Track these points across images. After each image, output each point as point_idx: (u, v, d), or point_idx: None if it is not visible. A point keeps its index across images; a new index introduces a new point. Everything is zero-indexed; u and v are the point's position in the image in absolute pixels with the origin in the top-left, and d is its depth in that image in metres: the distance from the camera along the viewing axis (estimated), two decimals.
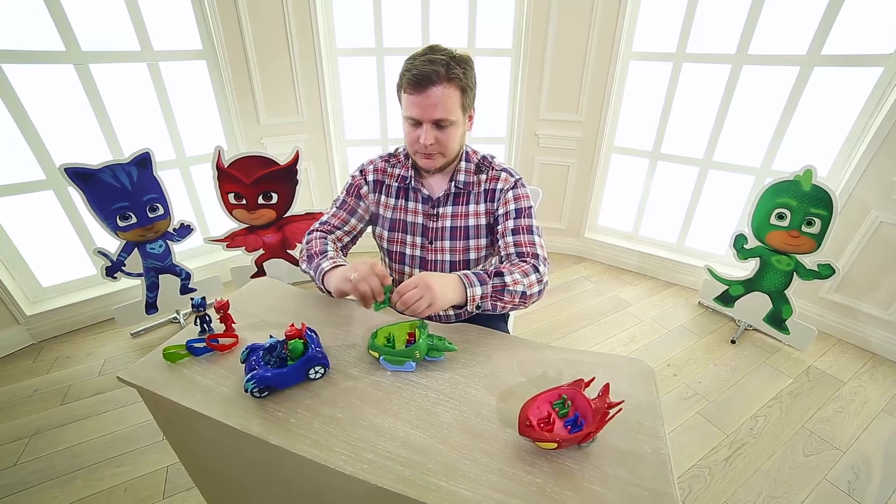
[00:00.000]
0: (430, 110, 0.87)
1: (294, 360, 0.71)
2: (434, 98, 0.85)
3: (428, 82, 0.84)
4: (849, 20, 1.68)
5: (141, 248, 1.81)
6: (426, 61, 0.85)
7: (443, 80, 0.84)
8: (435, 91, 0.85)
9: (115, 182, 1.66)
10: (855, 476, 1.36)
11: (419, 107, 0.87)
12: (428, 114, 0.87)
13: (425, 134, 0.89)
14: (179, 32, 1.96)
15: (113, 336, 1.97)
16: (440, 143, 0.91)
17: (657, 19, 2.08)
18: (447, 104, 0.87)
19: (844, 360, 1.83)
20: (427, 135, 0.89)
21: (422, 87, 0.85)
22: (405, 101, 0.90)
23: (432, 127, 0.89)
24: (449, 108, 0.87)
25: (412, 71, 0.85)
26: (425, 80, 0.84)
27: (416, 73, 0.84)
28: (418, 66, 0.85)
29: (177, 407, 0.70)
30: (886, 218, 1.71)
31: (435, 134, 0.90)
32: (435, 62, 0.84)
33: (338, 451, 0.60)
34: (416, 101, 0.87)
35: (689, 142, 2.19)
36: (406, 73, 0.87)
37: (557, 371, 0.77)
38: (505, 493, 0.56)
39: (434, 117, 0.88)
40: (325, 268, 0.91)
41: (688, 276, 2.34)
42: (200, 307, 0.84)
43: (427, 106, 0.86)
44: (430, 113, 0.87)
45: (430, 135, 0.89)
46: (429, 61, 0.84)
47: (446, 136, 0.91)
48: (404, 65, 0.89)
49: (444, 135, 0.91)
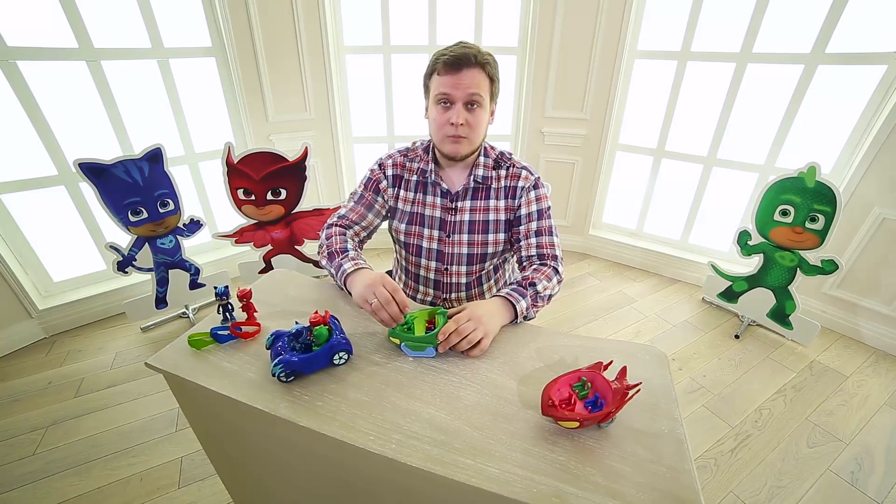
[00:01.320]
0: (465, 88, 0.90)
1: (319, 345, 0.73)
2: (468, 78, 0.90)
3: (463, 63, 0.89)
4: (853, 19, 1.71)
5: (151, 244, 1.83)
6: (459, 48, 0.91)
7: (476, 63, 0.90)
8: (469, 72, 0.90)
9: (128, 177, 1.67)
10: (858, 467, 1.38)
11: (452, 84, 0.90)
12: (461, 91, 0.91)
13: (457, 113, 0.92)
14: (189, 30, 1.97)
15: (123, 330, 1.99)
16: (469, 124, 0.94)
17: (662, 18, 2.10)
18: (479, 85, 0.91)
19: (847, 354, 1.86)
20: (459, 114, 0.92)
21: (457, 67, 0.89)
22: (437, 83, 0.93)
23: (463, 107, 0.93)
24: (481, 88, 0.92)
25: (447, 55, 0.90)
26: (461, 61, 0.89)
27: (452, 55, 0.89)
28: (453, 51, 0.90)
29: (203, 392, 0.72)
30: (889, 214, 1.73)
31: (465, 115, 0.93)
32: (468, 48, 0.90)
33: (365, 432, 0.62)
34: (450, 80, 0.90)
35: (693, 139, 2.21)
36: (440, 57, 0.91)
37: (574, 357, 0.79)
38: (530, 469, 0.58)
39: (468, 93, 0.91)
40: (348, 270, 0.91)
41: (691, 273, 2.36)
42: (224, 296, 0.86)
43: (460, 84, 0.90)
44: (465, 90, 0.90)
45: (461, 114, 0.92)
46: (462, 47, 0.91)
47: (475, 118, 0.94)
48: (435, 55, 0.94)
49: (474, 117, 0.94)
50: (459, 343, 0.76)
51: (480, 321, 0.79)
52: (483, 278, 1.15)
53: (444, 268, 1.11)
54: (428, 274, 1.13)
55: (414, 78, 2.47)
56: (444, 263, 1.10)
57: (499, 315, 0.84)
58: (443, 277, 1.12)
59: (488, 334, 0.79)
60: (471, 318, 0.79)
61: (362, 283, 0.84)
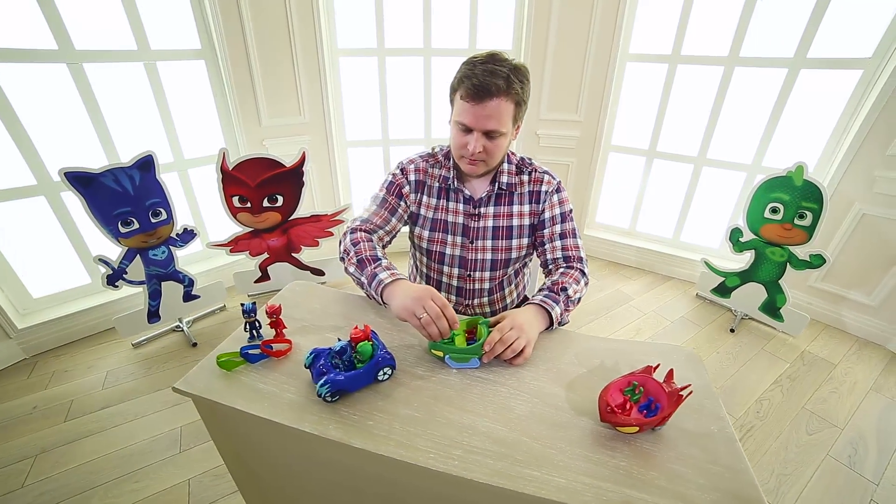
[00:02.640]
0: (483, 121, 0.87)
1: (364, 362, 0.71)
2: (489, 110, 0.86)
3: (487, 94, 0.84)
4: (831, 26, 1.80)
5: (143, 255, 1.74)
6: (488, 72, 0.84)
7: (501, 93, 0.85)
8: (491, 103, 0.85)
9: (117, 186, 1.59)
10: (854, 450, 1.46)
11: (473, 116, 0.87)
12: (480, 124, 0.88)
13: (474, 142, 0.90)
14: (177, 32, 1.89)
15: (113, 347, 1.89)
16: (487, 151, 0.92)
17: (653, 22, 2.16)
18: (501, 117, 0.87)
19: (833, 343, 1.96)
20: (476, 143, 0.90)
21: (480, 98, 0.85)
22: (459, 107, 0.89)
23: (482, 136, 0.90)
24: (502, 120, 0.88)
25: (472, 80, 0.84)
26: (485, 91, 0.84)
27: (477, 83, 0.83)
28: (479, 76, 0.84)
29: (239, 415, 0.69)
30: (869, 210, 1.84)
31: (483, 143, 0.91)
32: (496, 74, 0.83)
33: (424, 450, 0.61)
34: (471, 109, 0.87)
35: (684, 140, 2.28)
36: (465, 79, 0.86)
37: (614, 361, 0.80)
38: (594, 477, 0.58)
39: (486, 128, 0.88)
40: (385, 280, 0.86)
41: (684, 270, 2.44)
42: (252, 313, 0.82)
43: (481, 116, 0.87)
44: (483, 123, 0.87)
45: (479, 144, 0.90)
46: (490, 73, 0.83)
47: (494, 146, 0.92)
48: (463, 69, 0.88)
49: (493, 144, 0.92)
50: (504, 352, 0.76)
51: (522, 329, 0.79)
52: (504, 283, 1.15)
53: (467, 274, 1.10)
54: (451, 281, 1.12)
55: (408, 80, 2.47)
56: (466, 270, 1.09)
57: (536, 322, 0.85)
58: (465, 284, 1.12)
59: (530, 342, 0.79)
60: (513, 326, 0.78)
61: (406, 295, 0.80)
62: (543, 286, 0.96)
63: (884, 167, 1.78)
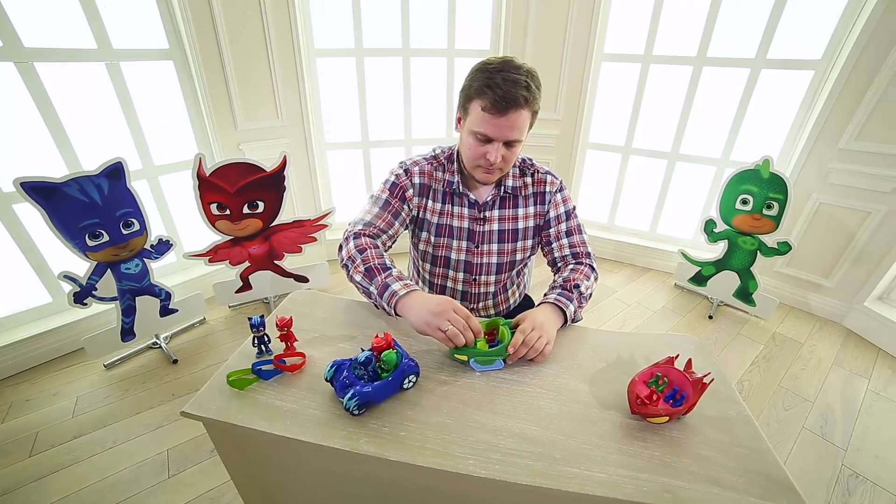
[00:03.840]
0: (507, 132, 0.86)
1: (389, 371, 0.69)
2: (512, 121, 0.85)
3: (512, 106, 0.82)
4: (787, 28, 1.94)
5: (114, 269, 1.62)
6: (510, 82, 0.81)
7: (525, 105, 0.84)
8: (514, 115, 0.84)
9: (83, 197, 1.47)
10: (825, 421, 1.58)
11: (496, 127, 0.85)
12: (503, 135, 0.86)
13: (496, 153, 0.88)
14: (142, 30, 1.77)
15: (81, 370, 1.74)
16: (505, 160, 0.91)
17: (626, 23, 2.24)
18: (522, 127, 0.87)
19: (799, 324, 2.11)
20: (497, 153, 0.88)
21: (504, 110, 0.83)
22: (479, 118, 0.86)
23: (502, 146, 0.89)
24: (523, 130, 0.88)
25: (496, 91, 0.81)
26: (510, 103, 0.82)
27: (502, 94, 0.81)
28: (502, 86, 0.81)
29: (259, 436, 0.65)
30: (825, 199, 2.00)
31: (503, 152, 0.90)
32: (518, 84, 0.82)
33: (462, 457, 0.60)
34: (493, 121, 0.85)
35: (658, 136, 2.38)
36: (487, 90, 0.82)
37: (629, 354, 0.82)
38: (632, 468, 0.59)
39: (509, 139, 0.87)
40: (400, 292, 0.82)
41: (661, 261, 2.55)
42: (260, 327, 0.78)
43: (504, 128, 0.85)
44: (506, 134, 0.86)
45: (499, 153, 0.89)
46: (512, 82, 0.81)
47: (511, 154, 0.91)
48: (481, 77, 0.84)
49: (510, 153, 0.91)
50: (527, 352, 0.76)
51: (543, 329, 0.79)
52: (507, 285, 1.16)
53: (473, 278, 1.10)
54: (455, 285, 1.11)
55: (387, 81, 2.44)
56: (472, 274, 1.09)
57: (553, 321, 0.86)
58: (471, 288, 1.11)
59: (551, 341, 0.80)
60: (534, 327, 0.79)
61: (427, 309, 0.77)
62: (555, 283, 0.97)
63: (836, 160, 1.93)
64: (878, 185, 1.85)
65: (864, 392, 1.72)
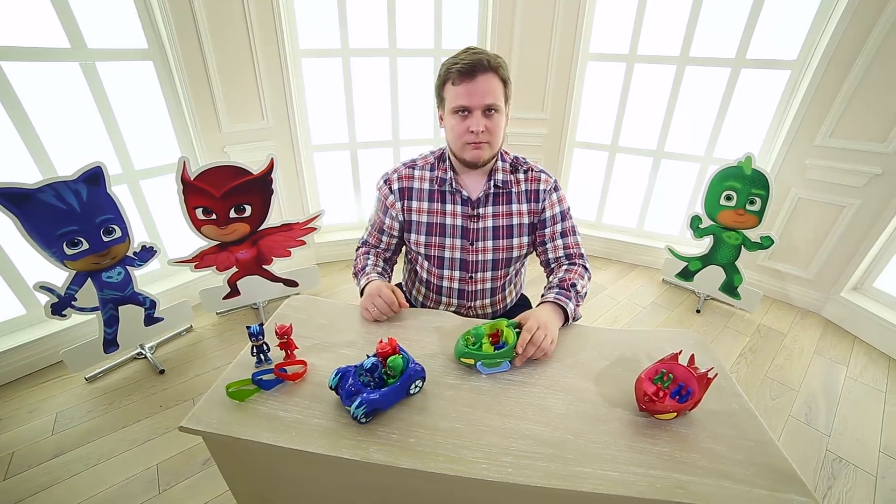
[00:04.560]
0: (481, 96, 0.89)
1: (395, 377, 0.68)
2: (483, 85, 0.89)
3: (477, 70, 0.88)
4: (765, 30, 2.00)
5: (95, 278, 1.56)
6: (470, 54, 0.90)
7: (489, 69, 0.89)
8: (483, 78, 0.89)
9: (60, 203, 1.40)
10: (809, 409, 1.64)
11: (470, 94, 0.89)
12: (478, 100, 0.89)
13: (476, 121, 0.91)
14: (119, 29, 1.70)
15: (61, 384, 1.67)
16: (489, 131, 0.93)
17: (611, 23, 2.27)
18: (495, 91, 0.91)
19: (781, 315, 2.18)
20: (478, 122, 0.91)
21: (471, 75, 0.88)
22: (453, 94, 0.91)
23: (482, 115, 0.91)
24: (497, 94, 0.91)
25: (459, 64, 0.89)
26: (475, 68, 0.88)
27: (466, 63, 0.88)
28: (465, 59, 0.89)
29: (263, 449, 0.63)
30: (803, 194, 2.07)
31: (484, 122, 0.92)
32: (478, 54, 0.90)
33: (474, 461, 0.60)
34: (466, 89, 0.89)
35: (643, 135, 2.43)
36: (452, 66, 0.90)
37: (632, 351, 0.83)
38: (643, 465, 0.60)
39: (485, 102, 0.90)
40: (361, 286, 1.03)
41: (648, 257, 2.60)
42: (259, 335, 0.76)
43: (477, 93, 0.89)
44: (481, 99, 0.89)
45: (480, 122, 0.91)
46: (473, 53, 0.90)
47: (494, 124, 0.93)
48: (446, 63, 0.92)
49: (493, 123, 0.93)
50: (535, 351, 0.77)
51: (547, 328, 0.80)
52: (506, 284, 1.16)
53: (469, 276, 1.09)
54: (451, 284, 1.11)
55: (374, 82, 2.41)
56: (468, 272, 1.09)
57: (556, 319, 0.87)
58: (467, 286, 1.11)
59: (555, 339, 0.81)
60: (539, 326, 0.79)
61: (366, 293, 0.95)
62: (551, 283, 0.98)
63: (813, 156, 2.00)
64: (851, 179, 1.92)
65: (843, 379, 1.79)
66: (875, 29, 1.71)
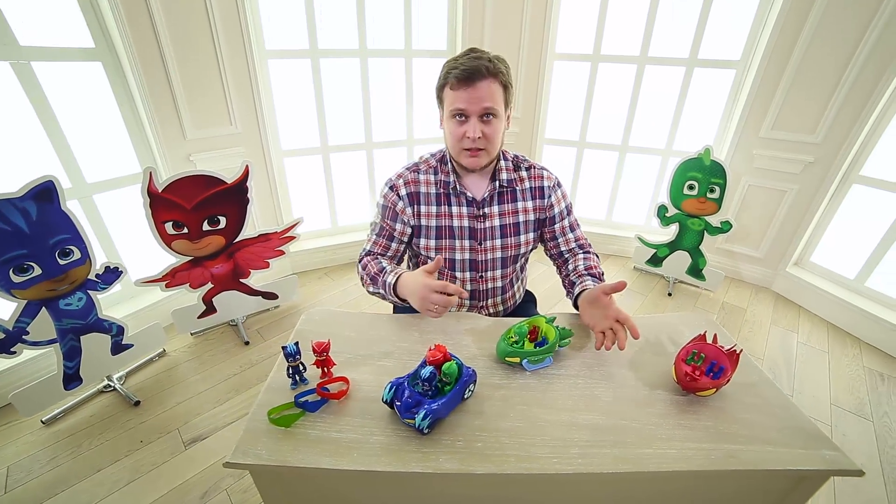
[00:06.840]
0: (478, 103, 0.89)
1: (451, 384, 0.67)
2: (481, 91, 0.88)
3: (476, 76, 0.88)
4: (714, 31, 2.18)
5: (51, 307, 1.38)
6: (471, 59, 0.89)
7: (489, 74, 0.89)
8: (482, 84, 0.88)
9: (4, 225, 1.23)
10: (773, 375, 1.82)
11: (467, 100, 0.89)
12: (475, 106, 0.89)
13: (473, 127, 0.91)
14: (59, 26, 1.52)
15: (11, 432, 1.46)
16: (486, 137, 0.93)
17: (575, 24, 2.37)
18: (493, 97, 0.90)
19: (739, 292, 2.40)
20: (475, 128, 0.91)
21: (470, 81, 0.88)
22: (451, 98, 0.91)
23: (479, 121, 0.91)
24: (495, 100, 0.91)
25: (459, 68, 0.88)
26: (473, 74, 0.87)
27: (464, 68, 0.88)
28: (464, 63, 0.88)
29: (324, 475, 0.60)
30: (752, 182, 2.29)
31: (481, 128, 0.92)
32: (480, 58, 0.89)
33: (545, 458, 0.61)
34: (464, 94, 0.89)
35: (609, 130, 2.56)
36: (452, 70, 0.90)
37: (655, 336, 0.88)
38: (695, 440, 0.64)
39: (482, 107, 0.90)
40: (391, 282, 0.94)
41: (619, 246, 2.75)
42: (296, 355, 0.72)
43: (475, 98, 0.89)
44: (478, 105, 0.89)
45: (477, 128, 0.91)
46: (474, 58, 0.89)
47: (491, 130, 0.94)
48: (446, 66, 0.92)
49: (490, 129, 0.93)
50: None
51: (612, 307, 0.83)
52: (514, 280, 1.18)
53: (479, 276, 1.10)
54: (463, 285, 1.11)
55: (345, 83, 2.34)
56: (478, 272, 1.10)
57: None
58: (479, 286, 1.12)
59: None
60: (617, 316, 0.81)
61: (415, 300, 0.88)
62: (579, 272, 1.02)
63: (759, 147, 2.22)
64: (790, 167, 2.16)
65: (796, 344, 2.01)
66: (804, 30, 1.93)
